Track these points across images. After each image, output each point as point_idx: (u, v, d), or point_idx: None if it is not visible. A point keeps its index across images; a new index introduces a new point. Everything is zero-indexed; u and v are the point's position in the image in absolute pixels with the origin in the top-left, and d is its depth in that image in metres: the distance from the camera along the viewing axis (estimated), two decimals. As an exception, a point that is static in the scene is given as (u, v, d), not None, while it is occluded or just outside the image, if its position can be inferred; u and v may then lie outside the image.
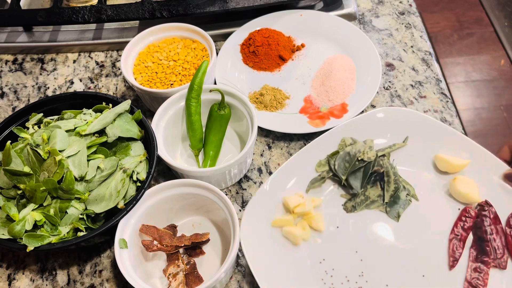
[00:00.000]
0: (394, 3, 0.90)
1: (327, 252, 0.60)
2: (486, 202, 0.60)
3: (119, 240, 0.54)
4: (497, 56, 1.98)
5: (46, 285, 0.60)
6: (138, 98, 0.77)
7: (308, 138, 0.66)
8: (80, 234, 0.54)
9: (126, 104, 0.61)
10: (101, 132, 0.59)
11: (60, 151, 0.55)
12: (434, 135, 0.66)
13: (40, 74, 0.83)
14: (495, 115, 1.81)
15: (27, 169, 0.55)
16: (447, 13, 2.12)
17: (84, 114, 0.62)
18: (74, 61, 0.84)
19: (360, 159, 0.63)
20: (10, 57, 0.85)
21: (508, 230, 0.58)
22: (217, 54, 0.78)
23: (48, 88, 0.81)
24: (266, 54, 0.79)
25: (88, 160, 0.56)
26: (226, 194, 0.66)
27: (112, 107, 0.62)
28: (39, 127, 0.61)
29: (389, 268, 0.58)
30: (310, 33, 0.83)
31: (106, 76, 0.81)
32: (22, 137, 0.58)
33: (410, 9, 0.89)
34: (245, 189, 0.67)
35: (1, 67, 0.84)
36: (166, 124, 0.66)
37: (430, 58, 0.81)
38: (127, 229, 0.56)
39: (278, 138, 0.72)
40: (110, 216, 0.55)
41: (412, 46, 0.83)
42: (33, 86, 0.81)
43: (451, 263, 0.57)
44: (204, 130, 0.69)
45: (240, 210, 0.66)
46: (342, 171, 0.64)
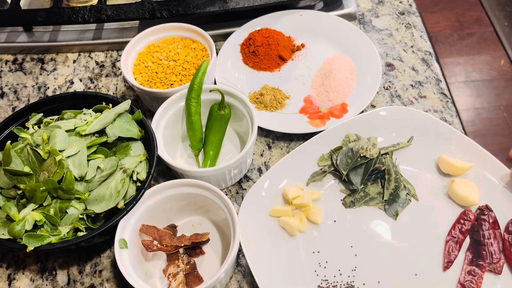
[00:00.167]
0: (394, 3, 0.90)
1: (322, 245, 0.60)
2: (487, 207, 0.60)
3: (119, 240, 0.54)
4: (497, 56, 1.98)
5: (46, 285, 0.60)
6: (138, 98, 0.77)
7: (308, 138, 0.66)
8: (80, 234, 0.54)
9: (126, 104, 0.61)
10: (101, 132, 0.59)
11: (60, 151, 0.55)
12: (438, 136, 0.66)
13: (40, 74, 0.83)
14: (495, 115, 1.81)
15: (27, 169, 0.55)
16: (447, 13, 2.12)
17: (84, 114, 0.62)
18: (74, 61, 0.84)
19: (363, 156, 0.63)
20: (10, 57, 0.85)
21: (507, 236, 0.58)
22: (217, 54, 0.78)
23: (48, 88, 0.81)
24: (266, 54, 0.79)
25: (88, 160, 0.56)
26: (226, 194, 0.66)
27: (112, 107, 0.62)
28: (39, 127, 0.61)
29: (383, 265, 0.58)
30: (310, 33, 0.83)
31: (106, 76, 0.81)
32: (22, 137, 0.58)
33: (410, 9, 0.89)
34: (245, 189, 0.67)
35: (1, 67, 0.84)
36: (166, 124, 0.66)
37: (430, 58, 0.81)
38: (127, 229, 0.56)
39: (278, 138, 0.72)
40: (110, 216, 0.55)
41: (412, 46, 0.83)
42: (33, 86, 0.81)
43: (446, 264, 0.57)
44: (204, 130, 0.69)
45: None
46: (344, 167, 0.64)
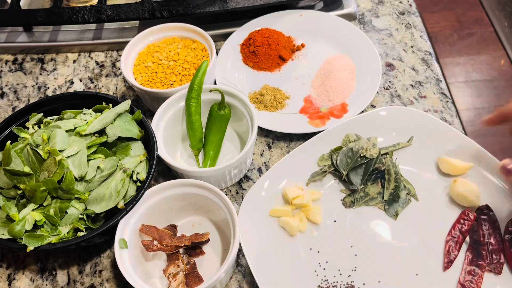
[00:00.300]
0: (394, 3, 0.90)
1: (322, 245, 0.60)
2: (487, 207, 0.60)
3: (119, 240, 0.54)
4: (497, 56, 1.98)
5: (46, 285, 0.60)
6: (138, 98, 0.77)
7: (308, 138, 0.66)
8: (80, 234, 0.54)
9: (126, 104, 0.61)
10: (101, 132, 0.59)
11: (60, 151, 0.55)
12: (438, 136, 0.66)
13: (40, 74, 0.83)
14: (495, 115, 1.80)
15: (27, 169, 0.55)
16: (447, 13, 2.12)
17: (84, 114, 0.62)
18: (74, 61, 0.84)
19: (363, 156, 0.63)
20: (10, 57, 0.85)
21: (506, 236, 0.58)
22: (217, 54, 0.78)
23: (48, 88, 0.81)
24: (266, 54, 0.79)
25: (88, 160, 0.56)
26: (226, 194, 0.66)
27: (112, 107, 0.62)
28: (39, 127, 0.61)
29: (383, 265, 0.58)
30: (310, 33, 0.83)
31: (106, 76, 0.81)
32: (22, 137, 0.58)
33: (410, 9, 0.89)
34: (245, 189, 0.67)
35: (1, 67, 0.84)
36: (166, 124, 0.66)
37: (430, 58, 0.81)
38: (127, 229, 0.56)
39: (278, 138, 0.72)
40: (110, 216, 0.55)
41: (412, 46, 0.83)
42: (33, 86, 0.81)
43: (446, 264, 0.57)
44: (204, 130, 0.69)
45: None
46: (344, 167, 0.64)
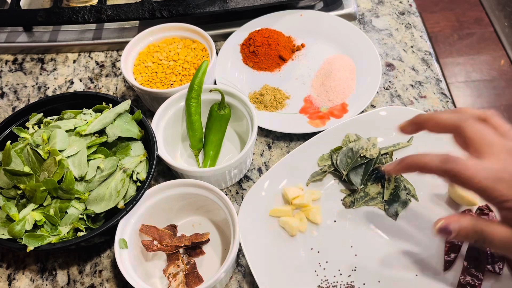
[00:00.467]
0: (394, 3, 0.90)
1: (322, 245, 0.60)
2: (487, 207, 0.60)
3: (119, 240, 0.54)
4: (497, 56, 1.98)
5: (46, 285, 0.60)
6: (138, 98, 0.77)
7: (308, 138, 0.66)
8: (80, 234, 0.54)
9: (126, 104, 0.61)
10: (101, 132, 0.59)
11: (60, 151, 0.55)
12: (439, 136, 0.65)
13: (40, 74, 0.83)
14: (495, 115, 1.80)
15: (27, 169, 0.55)
16: (447, 13, 2.12)
17: (84, 114, 0.61)
18: (74, 61, 0.84)
19: (363, 156, 0.63)
20: (10, 57, 0.85)
21: None
22: (217, 54, 0.78)
23: (48, 88, 0.81)
24: (266, 54, 0.79)
25: (88, 160, 0.56)
26: (226, 194, 0.66)
27: (112, 107, 0.62)
28: (39, 127, 0.61)
29: (383, 265, 0.58)
30: (310, 33, 0.83)
31: (106, 76, 0.81)
32: (22, 137, 0.58)
33: (410, 9, 0.89)
34: (245, 189, 0.67)
35: (1, 67, 0.84)
36: (166, 124, 0.66)
37: (430, 58, 0.81)
38: (127, 229, 0.56)
39: (278, 138, 0.72)
40: (110, 216, 0.55)
41: (412, 46, 0.83)
42: (33, 86, 0.81)
43: (446, 265, 0.57)
44: (204, 130, 0.69)
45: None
46: (344, 167, 0.64)
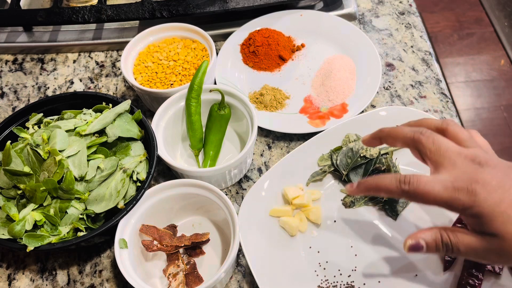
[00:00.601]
0: (394, 3, 0.90)
1: (322, 245, 0.60)
2: None
3: (119, 240, 0.54)
4: (497, 56, 1.98)
5: (46, 285, 0.60)
6: (138, 98, 0.77)
7: (308, 138, 0.66)
8: (80, 234, 0.54)
9: (126, 104, 0.61)
10: (101, 132, 0.59)
11: (60, 151, 0.55)
12: None
13: (40, 74, 0.83)
14: (495, 115, 1.81)
15: (27, 169, 0.55)
16: (447, 13, 2.12)
17: (84, 114, 0.62)
18: (74, 61, 0.84)
19: (363, 156, 0.63)
20: (10, 57, 0.85)
21: None
22: (217, 54, 0.78)
23: (48, 88, 0.81)
24: (266, 54, 0.79)
25: (88, 160, 0.56)
26: (226, 194, 0.66)
27: (112, 107, 0.62)
28: (39, 127, 0.61)
29: (383, 265, 0.58)
30: (310, 33, 0.83)
31: (106, 76, 0.81)
32: (22, 137, 0.58)
33: (410, 9, 0.89)
34: (245, 189, 0.67)
35: (1, 67, 0.84)
36: (166, 124, 0.66)
37: (430, 58, 0.81)
38: (127, 229, 0.56)
39: (278, 138, 0.72)
40: (110, 216, 0.55)
41: (412, 46, 0.83)
42: (33, 86, 0.81)
43: (445, 265, 0.57)
44: (204, 130, 0.69)
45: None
46: (344, 167, 0.64)
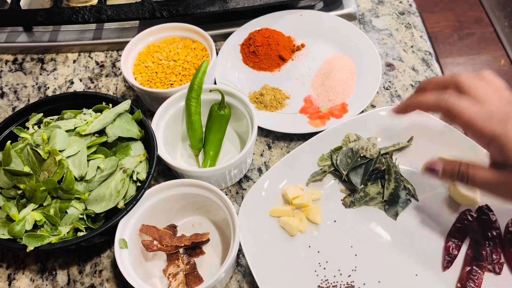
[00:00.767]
0: (394, 3, 0.90)
1: (322, 245, 0.60)
2: (487, 207, 0.60)
3: (119, 240, 0.54)
4: (497, 56, 1.98)
5: (46, 285, 0.60)
6: (138, 98, 0.77)
7: (308, 138, 0.66)
8: (80, 234, 0.54)
9: (126, 104, 0.61)
10: (101, 132, 0.59)
11: (60, 151, 0.55)
12: (438, 136, 0.65)
13: (40, 74, 0.83)
14: (495, 115, 1.80)
15: (27, 169, 0.55)
16: (447, 13, 2.12)
17: (84, 114, 0.62)
18: (74, 61, 0.84)
19: (363, 156, 0.63)
20: (10, 57, 0.85)
21: (506, 236, 0.58)
22: (217, 54, 0.78)
23: (48, 88, 0.81)
24: (266, 54, 0.79)
25: (88, 160, 0.56)
26: (226, 194, 0.66)
27: (112, 107, 0.62)
28: (39, 127, 0.61)
29: (383, 265, 0.58)
30: (310, 33, 0.83)
31: (106, 76, 0.81)
32: (22, 137, 0.58)
33: (410, 9, 0.89)
34: (245, 189, 0.67)
35: (1, 67, 0.84)
36: (166, 124, 0.66)
37: (430, 58, 0.81)
38: (127, 229, 0.56)
39: (278, 138, 0.72)
40: (110, 216, 0.55)
41: (412, 46, 0.83)
42: (33, 86, 0.81)
43: (446, 264, 0.57)
44: (204, 130, 0.69)
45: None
46: (344, 167, 0.64)
